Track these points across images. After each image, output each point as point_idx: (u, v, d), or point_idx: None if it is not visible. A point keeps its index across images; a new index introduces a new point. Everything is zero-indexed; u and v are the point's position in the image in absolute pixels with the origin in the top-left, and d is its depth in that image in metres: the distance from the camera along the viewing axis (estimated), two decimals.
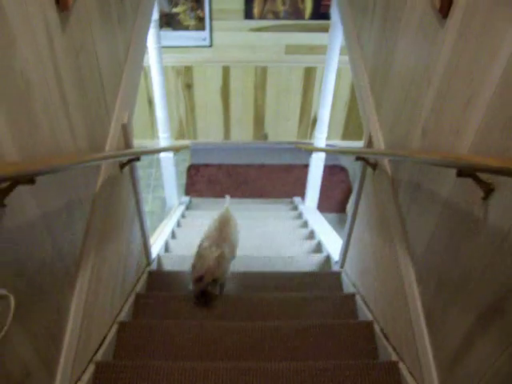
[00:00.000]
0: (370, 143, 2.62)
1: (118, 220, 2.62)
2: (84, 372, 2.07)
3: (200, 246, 3.03)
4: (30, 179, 1.28)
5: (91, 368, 2.12)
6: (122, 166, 2.62)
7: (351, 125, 7.07)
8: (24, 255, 1.43)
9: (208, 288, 2.78)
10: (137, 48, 2.80)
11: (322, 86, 4.79)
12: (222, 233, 3.27)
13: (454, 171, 1.44)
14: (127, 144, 2.67)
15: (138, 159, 2.76)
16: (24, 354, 1.45)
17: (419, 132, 1.96)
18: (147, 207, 6.07)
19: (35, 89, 1.47)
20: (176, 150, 5.45)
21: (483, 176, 1.40)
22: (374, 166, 2.61)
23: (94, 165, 2.17)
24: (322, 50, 5.52)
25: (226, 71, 6.47)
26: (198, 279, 2.78)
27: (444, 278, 1.73)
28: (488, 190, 1.39)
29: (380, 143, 2.49)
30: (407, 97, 2.11)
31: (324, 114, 4.91)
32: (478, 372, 1.48)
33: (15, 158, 1.32)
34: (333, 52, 4.45)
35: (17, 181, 1.26)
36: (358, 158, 2.75)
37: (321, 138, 5.09)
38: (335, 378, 2.14)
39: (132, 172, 2.87)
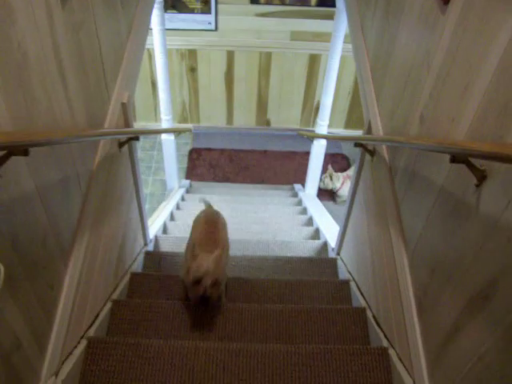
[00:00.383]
0: (369, 130, 2.63)
1: (116, 199, 2.63)
2: (76, 347, 2.09)
3: (189, 251, 2.53)
4: (24, 150, 1.28)
5: (83, 343, 2.14)
6: (121, 144, 2.62)
7: (354, 114, 7.05)
8: (18, 227, 1.43)
9: (208, 292, 2.31)
10: (139, 28, 2.80)
11: (325, 73, 4.78)
12: (214, 236, 2.76)
13: (448, 158, 1.45)
14: (127, 123, 2.67)
15: (137, 139, 2.77)
16: (15, 326, 1.46)
17: (417, 119, 1.96)
18: (147, 189, 6.08)
19: (32, 61, 1.47)
20: (177, 131, 5.44)
21: (477, 163, 1.40)
22: (373, 153, 2.61)
23: (92, 141, 2.17)
24: (327, 37, 5.50)
25: (230, 56, 6.44)
26: (196, 282, 2.31)
27: (436, 265, 1.74)
28: (481, 177, 1.39)
29: (379, 130, 2.49)
30: (406, 84, 2.11)
31: (327, 101, 4.91)
32: (465, 358, 1.49)
33: (10, 129, 1.32)
34: (337, 39, 4.43)
35: (11, 151, 1.26)
36: (356, 145, 2.76)
37: (323, 125, 5.09)
38: (326, 361, 2.16)
39: (131, 152, 2.87)
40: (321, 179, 5.90)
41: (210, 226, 2.84)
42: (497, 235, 1.31)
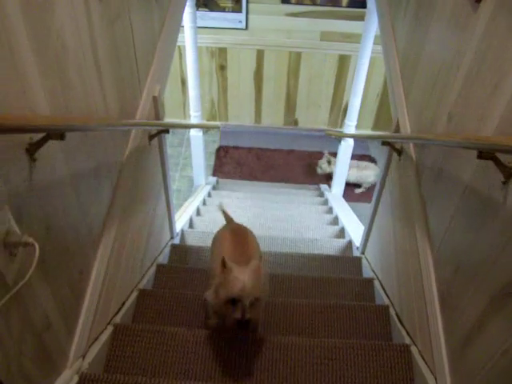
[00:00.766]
0: (397, 128, 2.63)
1: (144, 191, 2.67)
2: (102, 332, 2.14)
3: (216, 266, 2.04)
4: (61, 134, 1.32)
5: (109, 329, 2.18)
6: (151, 137, 2.66)
7: (382, 116, 7.03)
8: (50, 212, 1.48)
9: (247, 314, 1.82)
10: (172, 23, 2.84)
11: (354, 73, 4.78)
12: (246, 247, 2.32)
13: (475, 156, 1.46)
14: (157, 117, 2.72)
15: (167, 132, 2.81)
16: (45, 306, 1.51)
17: (445, 117, 1.97)
18: (174, 185, 6.13)
19: (70, 51, 1.51)
20: (206, 128, 5.48)
21: (504, 159, 1.41)
22: (400, 151, 2.62)
23: (124, 132, 2.22)
24: (357, 38, 5.50)
25: (260, 55, 6.47)
26: (231, 302, 1.84)
27: (460, 263, 1.75)
28: (508, 174, 1.40)
29: (407, 129, 2.50)
30: (436, 83, 2.12)
31: (355, 101, 4.91)
32: (488, 354, 1.50)
33: (47, 114, 1.37)
34: (367, 40, 4.43)
35: (48, 135, 1.30)
36: (384, 143, 2.76)
37: (351, 126, 5.09)
38: (348, 355, 2.17)
39: (160, 145, 2.91)
40: (318, 165, 6.24)
41: (238, 237, 2.40)
42: None
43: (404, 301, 2.44)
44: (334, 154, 5.71)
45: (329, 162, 6.14)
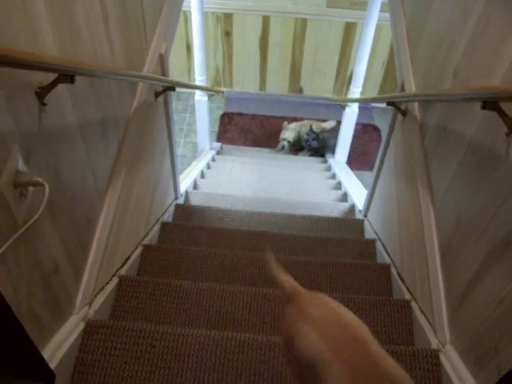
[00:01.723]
0: (402, 89, 2.64)
1: (150, 148, 2.69)
2: (108, 283, 2.17)
3: None
4: (70, 78, 1.34)
5: (115, 281, 2.22)
6: (157, 94, 2.68)
7: (387, 85, 7.00)
8: (59, 157, 1.50)
9: None
10: None
11: (360, 40, 4.77)
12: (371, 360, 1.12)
13: (479, 110, 1.47)
14: (163, 74, 2.72)
15: (173, 89, 2.82)
16: (54, 249, 1.54)
17: (450, 75, 1.98)
18: (179, 150, 6.14)
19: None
20: (211, 91, 5.49)
21: (508, 110, 1.42)
22: (404, 112, 2.63)
23: (130, 86, 2.23)
24: (363, 5, 5.45)
25: (265, 21, 6.43)
26: None
27: (461, 217, 1.77)
28: None
29: (412, 89, 2.51)
30: (442, 42, 2.12)
31: (360, 68, 4.90)
32: (486, 303, 1.53)
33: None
34: (374, 5, 4.41)
35: (57, 79, 1.32)
36: (388, 103, 2.77)
37: (356, 92, 5.09)
38: (349, 309, 2.20)
39: (166, 103, 2.93)
40: (282, 146, 6.19)
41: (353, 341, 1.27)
42: None
43: (405, 259, 2.47)
44: (339, 122, 5.71)
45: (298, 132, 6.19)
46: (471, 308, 1.65)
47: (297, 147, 6.12)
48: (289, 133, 5.68)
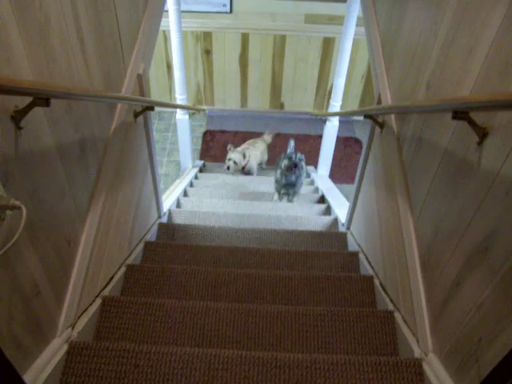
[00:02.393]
0: (379, 102, 2.68)
1: (131, 168, 2.70)
2: (91, 304, 2.17)
3: None
4: (46, 101, 1.35)
5: (98, 302, 2.22)
6: (137, 114, 2.69)
7: (368, 98, 7.08)
8: (37, 180, 1.50)
9: None
10: (156, 4, 2.85)
11: (338, 54, 4.82)
12: None
13: (452, 121, 1.50)
14: (142, 94, 2.74)
15: (152, 109, 2.83)
16: (34, 272, 1.54)
17: (424, 87, 2.02)
18: (162, 170, 6.16)
19: (53, 23, 1.53)
20: (191, 109, 5.52)
21: (478, 121, 1.45)
22: (382, 124, 2.66)
23: (109, 107, 2.24)
24: (341, 20, 5.50)
25: (245, 38, 6.49)
26: None
27: (439, 225, 1.80)
28: (482, 135, 1.45)
29: (388, 101, 2.54)
30: (414, 55, 2.16)
31: (339, 81, 4.95)
32: (465, 310, 1.55)
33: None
34: (350, 20, 4.47)
35: (33, 102, 1.33)
36: (366, 116, 2.80)
37: (335, 106, 5.13)
38: (333, 322, 2.22)
39: (146, 122, 2.94)
40: (227, 167, 5.77)
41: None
42: (496, 189, 1.37)
43: (388, 270, 2.49)
44: (320, 136, 5.75)
45: (243, 155, 5.82)
46: (451, 316, 1.67)
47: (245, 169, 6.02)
48: (234, 154, 5.67)
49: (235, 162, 5.62)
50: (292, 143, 5.14)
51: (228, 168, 5.72)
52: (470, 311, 1.51)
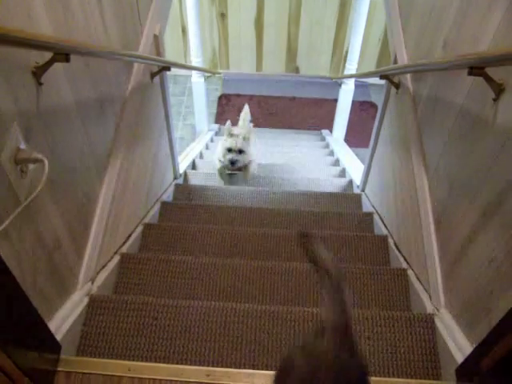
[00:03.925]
0: (395, 62, 2.67)
1: (147, 128, 2.72)
2: (110, 261, 2.22)
3: None
4: (65, 56, 1.37)
5: (116, 258, 2.26)
6: (153, 75, 2.70)
7: (384, 62, 6.99)
8: (57, 135, 1.53)
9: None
10: None
11: (354, 15, 4.77)
12: None
13: (468, 78, 1.50)
14: (158, 55, 2.75)
15: (168, 69, 2.84)
16: (56, 226, 1.58)
17: (440, 45, 2.01)
18: (177, 133, 6.18)
19: None
20: (207, 72, 5.50)
21: (494, 76, 1.46)
22: (398, 85, 2.66)
23: (126, 66, 2.26)
24: None
25: (260, 1, 6.42)
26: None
27: (454, 182, 1.81)
28: (499, 91, 1.45)
29: (404, 61, 2.54)
30: (432, 12, 2.15)
31: (355, 45, 4.92)
32: (478, 265, 1.57)
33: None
34: None
35: (53, 58, 1.35)
36: (382, 77, 2.80)
37: (351, 70, 5.11)
38: (347, 279, 2.25)
39: (162, 83, 2.95)
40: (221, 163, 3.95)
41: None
42: (510, 145, 1.38)
43: (402, 229, 2.51)
44: (336, 100, 5.73)
45: (243, 137, 3.81)
46: (464, 271, 1.69)
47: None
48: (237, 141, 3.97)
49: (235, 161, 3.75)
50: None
51: (227, 168, 3.93)
52: (483, 266, 1.53)
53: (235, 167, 3.79)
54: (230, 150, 3.73)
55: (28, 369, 1.26)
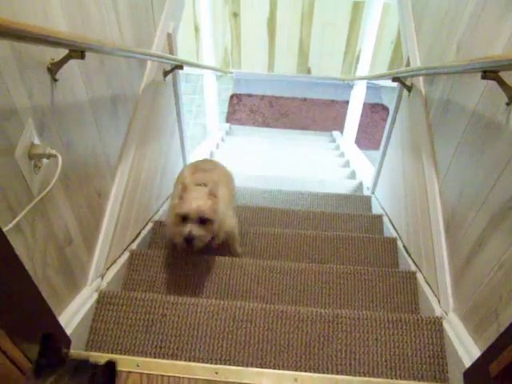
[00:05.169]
0: (408, 64, 2.67)
1: (159, 125, 2.74)
2: (119, 257, 2.23)
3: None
4: (81, 53, 1.38)
5: (126, 255, 2.28)
6: (166, 73, 2.72)
7: (396, 65, 6.98)
8: (71, 131, 1.55)
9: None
10: None
11: (367, 18, 4.78)
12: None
13: (481, 82, 1.51)
14: (171, 53, 2.76)
15: (181, 67, 2.86)
16: (68, 221, 1.59)
17: (454, 48, 2.01)
18: (188, 132, 6.18)
19: None
20: (219, 71, 5.51)
21: (508, 81, 1.46)
22: (410, 88, 2.66)
23: (139, 64, 2.27)
24: None
25: (273, 1, 6.42)
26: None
27: (464, 187, 1.81)
28: None
29: (417, 64, 2.54)
30: (445, 16, 2.15)
31: (368, 47, 4.93)
32: (487, 269, 1.57)
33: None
34: None
35: (69, 55, 1.37)
36: (394, 79, 2.80)
37: (363, 72, 5.11)
38: (356, 281, 2.26)
39: (175, 82, 2.97)
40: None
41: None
42: None
43: (411, 232, 2.51)
44: (347, 102, 5.73)
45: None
46: (473, 275, 1.69)
47: None
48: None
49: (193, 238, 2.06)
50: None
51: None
52: (492, 270, 1.53)
53: (193, 247, 2.00)
54: (184, 219, 1.99)
55: None
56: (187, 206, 1.96)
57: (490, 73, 1.45)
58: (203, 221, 1.98)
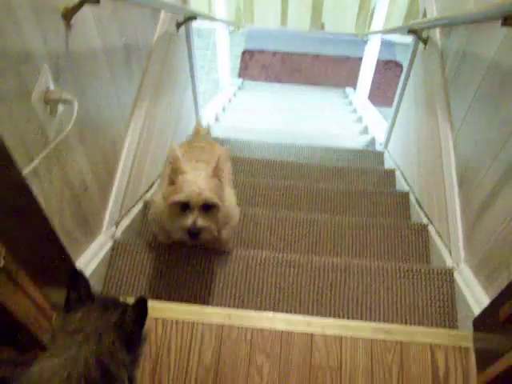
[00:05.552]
0: (424, 16, 2.64)
1: (172, 79, 2.73)
2: (134, 206, 2.25)
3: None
4: None
5: (140, 205, 2.30)
6: (179, 25, 2.70)
7: (411, 20, 6.87)
8: (85, 77, 1.55)
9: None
10: None
11: None
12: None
13: (501, 29, 1.48)
14: (184, 4, 2.74)
15: (194, 18, 2.83)
16: (83, 168, 1.60)
17: None
18: (200, 87, 6.16)
19: None
20: (232, 25, 5.46)
21: None
22: (426, 40, 2.63)
23: (152, 15, 2.26)
24: None
25: None
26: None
27: (479, 139, 1.80)
28: None
29: (434, 15, 2.50)
30: None
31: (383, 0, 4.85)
32: (499, 220, 1.57)
33: None
34: None
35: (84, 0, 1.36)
36: (410, 32, 2.76)
37: (377, 27, 5.04)
38: (368, 232, 2.27)
39: (188, 35, 2.95)
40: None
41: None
42: None
43: (424, 186, 2.51)
44: (360, 59, 5.67)
45: None
46: (485, 227, 1.69)
47: None
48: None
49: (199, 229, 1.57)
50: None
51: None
52: (504, 221, 1.53)
53: (199, 241, 1.58)
54: (185, 208, 1.53)
55: (56, 303, 1.30)
56: (187, 191, 1.50)
57: (510, 19, 1.43)
58: (208, 207, 1.54)
